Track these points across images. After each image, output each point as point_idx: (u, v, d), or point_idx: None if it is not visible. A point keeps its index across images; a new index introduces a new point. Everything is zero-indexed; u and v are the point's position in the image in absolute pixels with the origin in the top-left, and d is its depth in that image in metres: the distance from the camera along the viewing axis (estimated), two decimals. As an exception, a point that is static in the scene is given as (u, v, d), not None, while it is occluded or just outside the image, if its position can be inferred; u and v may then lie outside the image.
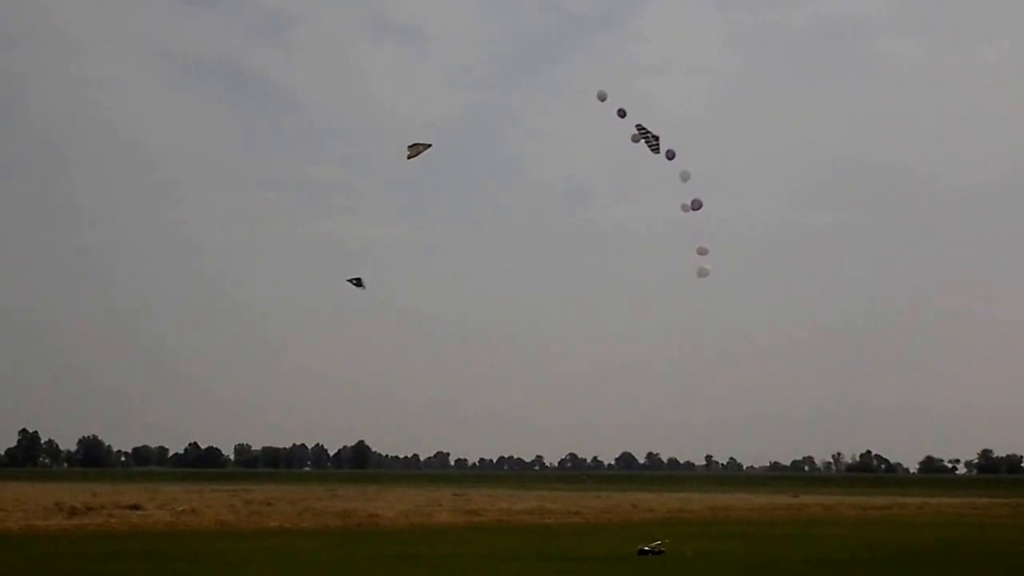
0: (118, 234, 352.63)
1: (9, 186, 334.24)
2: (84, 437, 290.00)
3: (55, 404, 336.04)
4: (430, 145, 28.92)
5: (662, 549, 30.16)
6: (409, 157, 28.68)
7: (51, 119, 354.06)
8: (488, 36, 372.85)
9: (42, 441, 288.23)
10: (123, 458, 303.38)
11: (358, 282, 26.21)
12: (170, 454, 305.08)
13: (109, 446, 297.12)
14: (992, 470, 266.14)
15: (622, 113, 31.10)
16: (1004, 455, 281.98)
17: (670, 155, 31.09)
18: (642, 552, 29.96)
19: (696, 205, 31.07)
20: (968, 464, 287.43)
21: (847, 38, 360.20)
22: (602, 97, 31.20)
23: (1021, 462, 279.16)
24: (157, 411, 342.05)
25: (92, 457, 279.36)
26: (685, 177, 31.07)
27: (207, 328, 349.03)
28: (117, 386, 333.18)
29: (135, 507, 51.09)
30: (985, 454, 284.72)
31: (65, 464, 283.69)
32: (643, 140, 30.95)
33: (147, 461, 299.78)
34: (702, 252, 31.44)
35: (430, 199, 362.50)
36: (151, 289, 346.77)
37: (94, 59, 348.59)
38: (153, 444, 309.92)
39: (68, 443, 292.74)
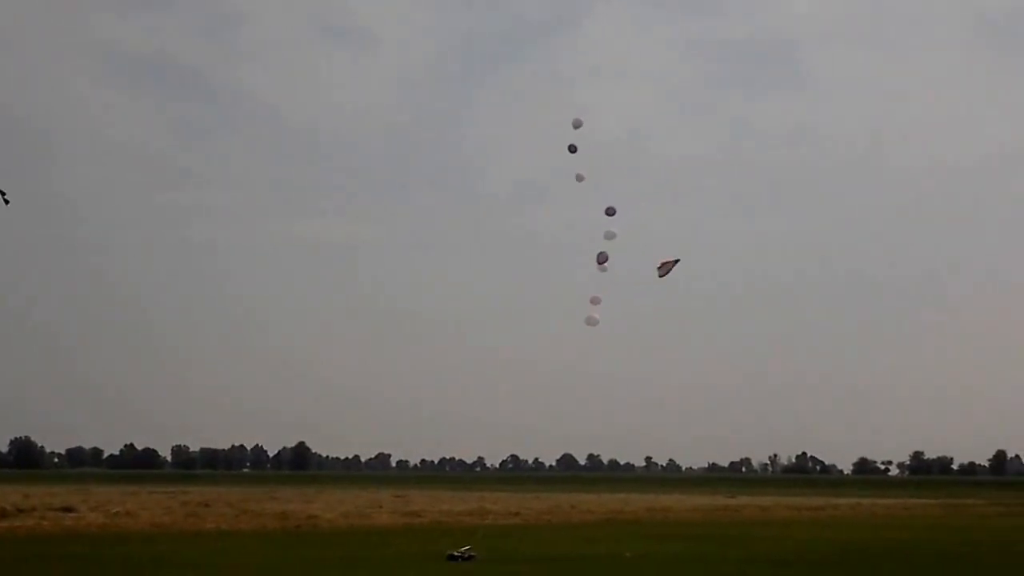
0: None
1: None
2: (16, 438, 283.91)
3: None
4: (678, 260, 29.21)
5: (472, 554, 29.06)
6: (660, 268, 29.02)
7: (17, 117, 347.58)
8: (438, 39, 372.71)
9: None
10: (56, 459, 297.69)
11: (3, 197, 24.09)
12: (105, 455, 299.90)
13: (42, 447, 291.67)
14: (924, 471, 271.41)
15: (611, 211, 29.78)
16: (935, 457, 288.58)
17: (610, 212, 29.95)
18: (451, 558, 28.60)
19: (602, 259, 30.05)
20: (900, 465, 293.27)
21: (788, 49, 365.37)
22: (577, 125, 29.99)
23: (951, 463, 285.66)
24: (91, 412, 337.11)
25: (24, 458, 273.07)
26: (609, 236, 29.95)
27: (143, 328, 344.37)
28: (50, 386, 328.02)
29: (68, 509, 50.00)
30: (917, 456, 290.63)
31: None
32: None
33: (81, 463, 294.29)
34: (595, 302, 30.44)
35: (374, 199, 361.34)
36: (81, 289, 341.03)
37: (49, 59, 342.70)
38: (87, 445, 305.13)
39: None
